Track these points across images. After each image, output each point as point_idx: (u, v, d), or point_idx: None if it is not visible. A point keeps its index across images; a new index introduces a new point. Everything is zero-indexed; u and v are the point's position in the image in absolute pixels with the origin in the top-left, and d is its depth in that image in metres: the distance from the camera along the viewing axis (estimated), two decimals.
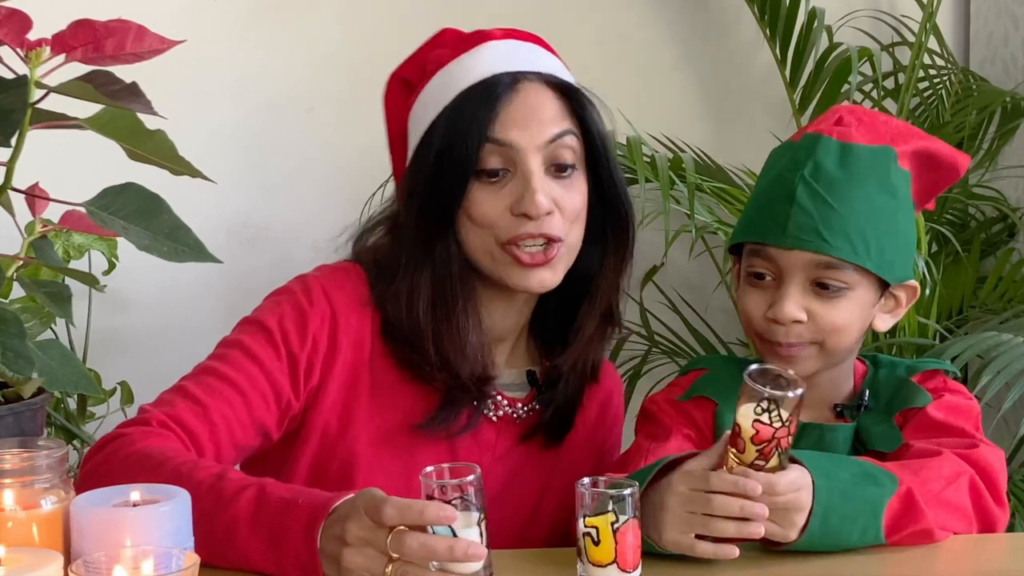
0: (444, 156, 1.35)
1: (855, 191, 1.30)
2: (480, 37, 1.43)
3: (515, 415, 1.45)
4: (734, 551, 1.13)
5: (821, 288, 1.31)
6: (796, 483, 1.14)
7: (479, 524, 1.05)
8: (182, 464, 1.18)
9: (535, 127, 1.34)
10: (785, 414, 1.12)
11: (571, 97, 1.38)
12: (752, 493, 1.11)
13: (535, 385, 1.47)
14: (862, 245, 1.30)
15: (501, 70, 1.37)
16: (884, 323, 1.38)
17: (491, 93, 1.35)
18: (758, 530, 1.12)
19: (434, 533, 1.03)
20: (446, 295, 1.37)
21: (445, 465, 1.07)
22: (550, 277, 1.36)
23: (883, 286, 1.35)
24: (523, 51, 1.41)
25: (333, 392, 1.37)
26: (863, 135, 1.34)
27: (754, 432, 1.13)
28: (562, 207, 1.35)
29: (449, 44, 1.44)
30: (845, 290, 1.31)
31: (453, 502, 1.04)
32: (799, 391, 1.13)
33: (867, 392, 1.39)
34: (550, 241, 1.34)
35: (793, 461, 1.17)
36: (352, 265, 1.44)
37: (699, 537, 1.14)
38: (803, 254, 1.30)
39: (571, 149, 1.36)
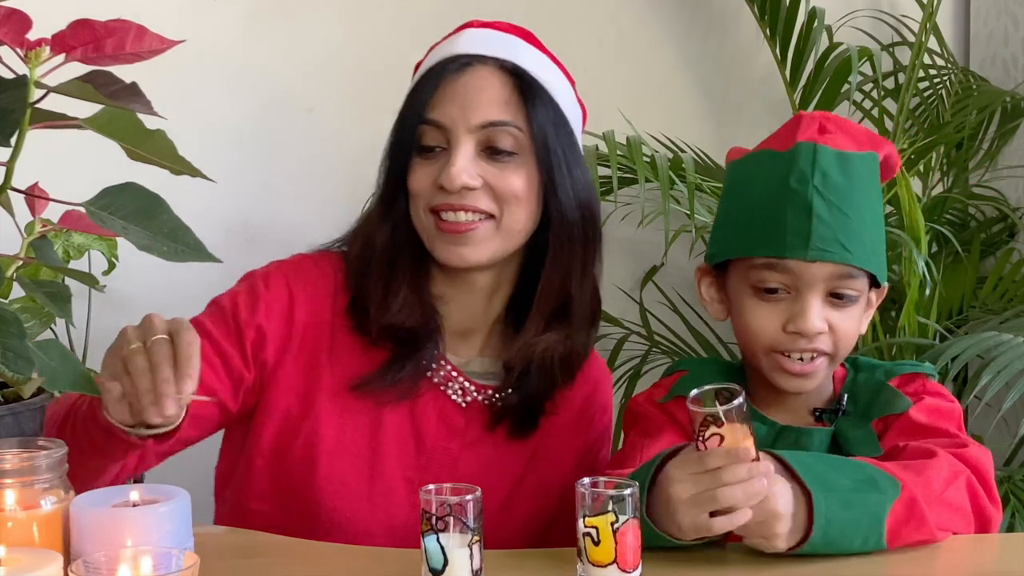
0: (395, 135, 1.43)
1: (860, 198, 1.32)
2: (464, 26, 1.47)
3: (486, 402, 1.46)
4: (747, 514, 1.12)
5: (836, 298, 1.32)
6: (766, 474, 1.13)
7: (471, 546, 1.04)
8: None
9: (471, 109, 1.37)
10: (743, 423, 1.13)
11: (526, 88, 1.39)
12: (747, 456, 1.11)
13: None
14: (871, 252, 1.32)
15: (459, 52, 1.41)
16: (863, 326, 1.40)
17: (437, 74, 1.40)
18: (763, 487, 1.11)
19: (426, 553, 1.04)
20: (393, 259, 1.42)
21: (447, 484, 1.07)
22: (471, 253, 1.39)
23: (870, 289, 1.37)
24: (495, 39, 1.44)
25: (291, 373, 1.41)
26: (848, 142, 1.35)
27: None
28: (493, 186, 1.38)
29: (449, 34, 1.49)
30: (857, 297, 1.33)
31: (449, 519, 1.04)
32: (737, 401, 1.13)
33: (846, 396, 1.39)
34: (476, 216, 1.37)
35: (784, 466, 1.17)
36: (328, 255, 1.49)
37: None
38: (825, 266, 1.30)
39: (512, 137, 1.38)
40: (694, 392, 1.14)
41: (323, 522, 1.38)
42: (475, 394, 1.45)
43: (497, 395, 1.46)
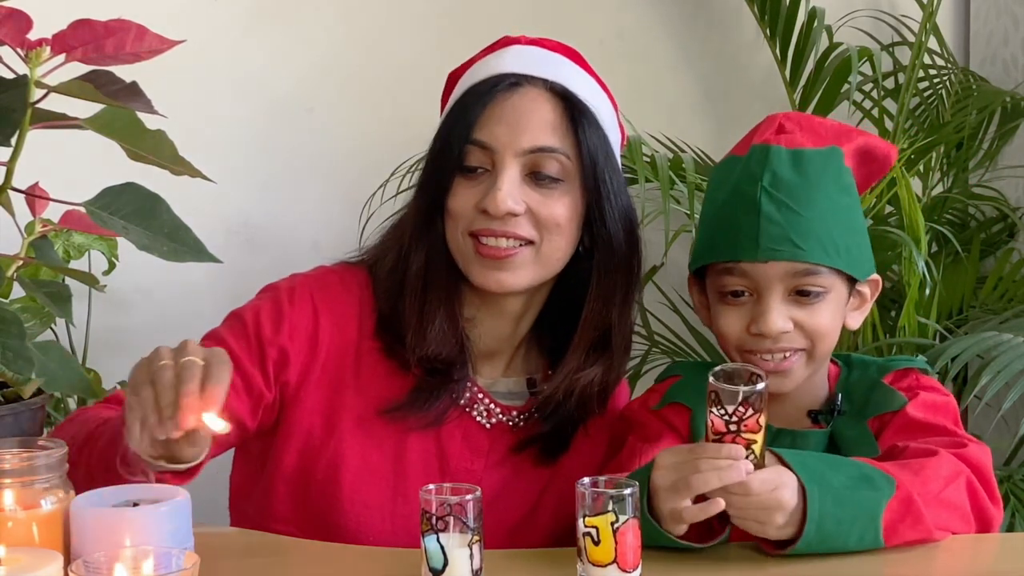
0: (437, 151, 1.39)
1: (815, 194, 1.31)
2: (509, 41, 1.44)
3: (511, 423, 1.45)
4: (720, 504, 1.13)
5: (801, 296, 1.32)
6: (771, 482, 1.14)
7: (471, 546, 1.04)
8: (106, 417, 1.23)
9: (519, 132, 1.34)
10: (731, 407, 1.13)
11: (574, 112, 1.37)
12: (736, 455, 1.12)
13: (535, 392, 1.46)
14: (832, 247, 1.31)
15: (508, 71, 1.38)
16: (855, 321, 1.39)
17: (487, 92, 1.36)
18: (739, 474, 1.12)
19: (427, 553, 1.04)
20: (427, 284, 1.39)
21: (447, 484, 1.07)
22: (510, 279, 1.36)
23: (851, 284, 1.36)
24: (542, 57, 1.41)
25: (314, 395, 1.38)
26: (808, 139, 1.35)
27: (710, 424, 1.14)
28: (535, 213, 1.35)
29: (493, 47, 1.45)
30: (824, 294, 1.32)
31: (449, 519, 1.04)
32: (745, 387, 1.13)
33: (840, 396, 1.39)
34: (517, 242, 1.34)
35: (782, 463, 1.17)
36: (352, 269, 1.45)
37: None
38: (779, 265, 1.30)
39: (559, 163, 1.35)
40: (717, 368, 1.15)
41: (347, 543, 1.35)
42: (500, 415, 1.44)
43: (521, 416, 1.45)
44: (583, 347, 1.42)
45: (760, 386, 1.13)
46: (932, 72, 2.60)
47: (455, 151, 1.36)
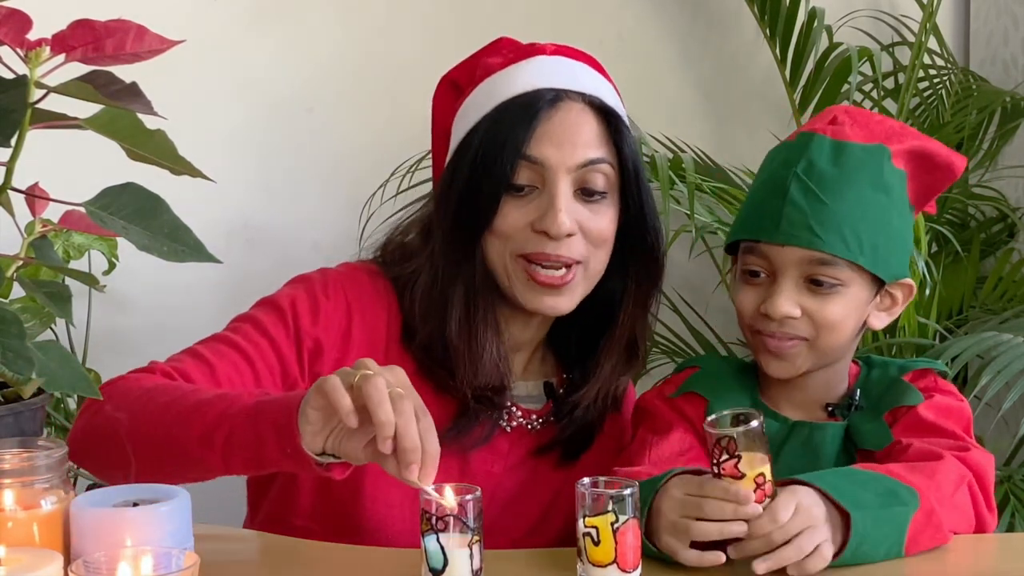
0: (479, 167, 1.36)
1: (847, 188, 1.31)
2: (531, 50, 1.43)
3: (529, 426, 1.45)
4: (720, 557, 1.13)
5: (815, 285, 1.31)
6: (790, 502, 1.13)
7: (471, 546, 1.04)
8: (187, 389, 1.22)
9: (569, 148, 1.34)
10: (711, 449, 1.13)
11: (611, 123, 1.38)
12: (744, 500, 1.12)
13: (552, 397, 1.46)
14: (855, 241, 1.30)
15: (545, 85, 1.37)
16: (880, 321, 1.39)
17: (531, 108, 1.35)
18: (741, 529, 1.12)
19: (427, 553, 1.03)
20: (473, 309, 1.37)
21: (447, 485, 1.06)
22: (564, 303, 1.37)
23: (878, 284, 1.35)
24: (571, 69, 1.41)
25: None
26: (857, 133, 1.34)
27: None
28: (586, 230, 1.35)
29: (501, 53, 1.44)
30: (839, 287, 1.32)
31: (449, 519, 1.03)
32: (713, 429, 1.13)
33: (859, 391, 1.39)
34: (568, 266, 1.35)
35: (819, 492, 1.16)
36: (375, 268, 1.45)
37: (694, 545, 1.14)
38: (796, 250, 1.30)
39: (604, 176, 1.36)
40: (711, 416, 1.15)
41: (368, 542, 1.35)
42: (520, 419, 1.45)
43: (539, 419, 1.46)
44: (616, 352, 1.44)
45: (727, 431, 1.12)
46: (932, 72, 2.61)
47: (505, 169, 1.34)
